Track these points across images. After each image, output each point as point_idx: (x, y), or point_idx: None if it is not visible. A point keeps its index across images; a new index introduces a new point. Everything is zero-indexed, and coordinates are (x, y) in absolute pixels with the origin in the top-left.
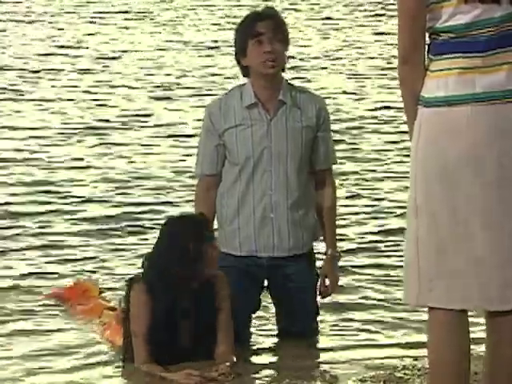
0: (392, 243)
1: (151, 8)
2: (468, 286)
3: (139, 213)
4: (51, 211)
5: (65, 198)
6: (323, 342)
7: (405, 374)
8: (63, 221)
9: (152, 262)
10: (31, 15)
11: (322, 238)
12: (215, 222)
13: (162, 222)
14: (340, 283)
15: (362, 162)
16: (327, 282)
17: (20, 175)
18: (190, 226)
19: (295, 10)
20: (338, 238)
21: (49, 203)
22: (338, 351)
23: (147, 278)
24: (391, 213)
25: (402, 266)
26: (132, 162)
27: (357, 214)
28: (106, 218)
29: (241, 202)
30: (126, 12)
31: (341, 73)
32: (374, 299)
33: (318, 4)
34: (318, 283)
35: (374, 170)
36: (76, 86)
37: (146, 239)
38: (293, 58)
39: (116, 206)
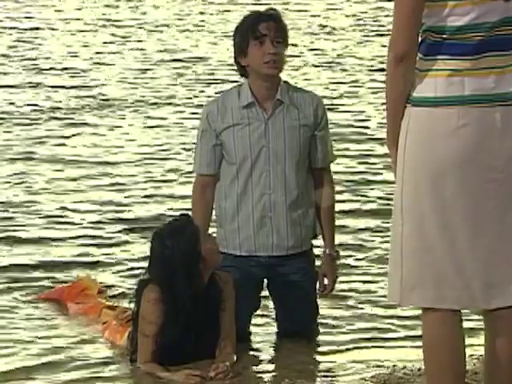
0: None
1: None
2: (456, 285)
3: None
4: None
5: None
6: (323, 341)
7: (405, 374)
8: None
9: (162, 264)
10: None
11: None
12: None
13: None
14: (339, 282)
15: None
16: (326, 280)
17: None
18: (185, 228)
19: None
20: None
21: None
22: (338, 351)
23: (160, 278)
24: None
25: None
26: None
27: None
28: None
29: (239, 202)
30: None
31: None
32: (374, 298)
33: None
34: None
35: None
36: None
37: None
38: None
39: None
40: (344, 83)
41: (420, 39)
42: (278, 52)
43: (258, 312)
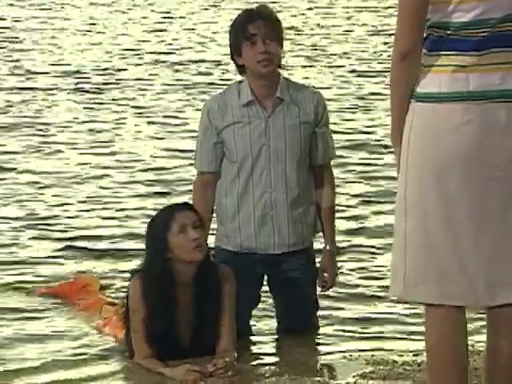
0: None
1: None
2: (459, 282)
3: None
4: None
5: None
6: (323, 337)
7: (404, 369)
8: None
9: (146, 255)
10: None
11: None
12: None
13: None
14: (339, 278)
15: None
16: (326, 276)
17: None
18: (158, 217)
19: None
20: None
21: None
22: (338, 347)
23: (143, 270)
24: None
25: None
26: None
27: None
28: None
29: (240, 201)
30: None
31: None
32: (374, 294)
33: None
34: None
35: None
36: None
37: None
38: None
39: None
40: None
41: (425, 35)
42: (270, 50)
43: (258, 308)
